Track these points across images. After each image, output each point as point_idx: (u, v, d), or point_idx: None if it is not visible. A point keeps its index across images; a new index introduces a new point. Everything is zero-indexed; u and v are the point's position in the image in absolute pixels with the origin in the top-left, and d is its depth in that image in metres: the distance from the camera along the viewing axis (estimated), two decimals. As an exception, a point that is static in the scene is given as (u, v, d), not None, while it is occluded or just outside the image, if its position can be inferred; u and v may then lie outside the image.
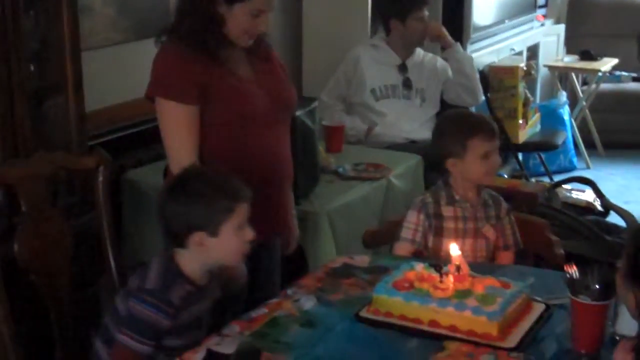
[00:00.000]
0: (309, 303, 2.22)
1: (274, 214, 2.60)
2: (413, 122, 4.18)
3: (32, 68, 2.82)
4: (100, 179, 2.53)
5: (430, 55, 4.29)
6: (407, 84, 4.23)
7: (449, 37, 4.31)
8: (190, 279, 2.17)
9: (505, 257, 2.64)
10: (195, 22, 2.44)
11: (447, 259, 2.16)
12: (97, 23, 3.42)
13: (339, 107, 4.18)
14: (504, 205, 2.67)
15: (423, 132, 4.18)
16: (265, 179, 2.51)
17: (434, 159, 2.70)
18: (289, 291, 2.30)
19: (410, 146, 4.06)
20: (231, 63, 2.51)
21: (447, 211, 2.59)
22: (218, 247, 2.16)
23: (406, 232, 2.61)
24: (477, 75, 4.44)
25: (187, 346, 2.05)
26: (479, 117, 2.72)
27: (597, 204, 4.52)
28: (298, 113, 3.18)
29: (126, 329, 2.11)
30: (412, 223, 2.61)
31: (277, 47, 4.57)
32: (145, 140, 3.41)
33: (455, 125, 2.62)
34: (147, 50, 2.60)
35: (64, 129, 2.94)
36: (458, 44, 4.30)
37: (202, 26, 2.44)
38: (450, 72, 4.31)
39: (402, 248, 2.62)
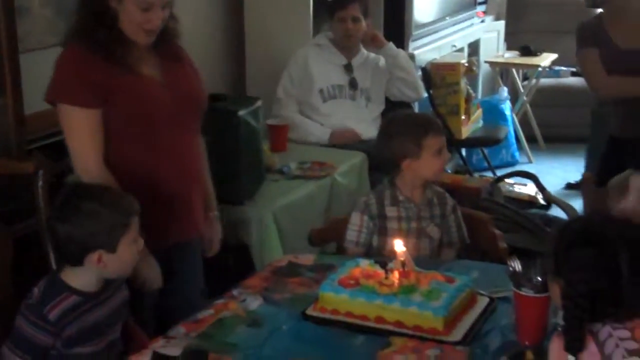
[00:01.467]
0: (255, 303, 2.21)
1: (185, 215, 2.56)
2: (360, 122, 4.19)
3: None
4: (40, 183, 2.49)
5: (373, 54, 4.30)
6: (353, 84, 4.24)
7: (382, 37, 4.34)
8: (78, 290, 2.15)
9: (446, 253, 2.67)
10: (89, 19, 2.39)
11: (392, 256, 2.18)
12: (35, 25, 3.37)
13: (293, 107, 4.17)
14: (450, 202, 2.69)
15: (371, 131, 4.20)
16: (173, 181, 2.49)
17: (385, 162, 2.70)
18: (235, 292, 2.29)
19: (359, 145, 4.06)
20: (133, 62, 2.45)
21: (390, 211, 2.61)
22: (116, 262, 2.15)
23: (351, 235, 2.64)
24: (414, 69, 4.47)
25: (104, 348, 2.10)
26: (425, 115, 2.78)
27: (540, 198, 4.59)
28: (242, 112, 3.17)
29: (10, 342, 2.13)
30: (356, 225, 2.63)
31: (219, 47, 4.61)
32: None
33: (407, 126, 2.62)
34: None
35: (3, 133, 2.90)
36: (391, 42, 4.33)
37: (95, 23, 2.38)
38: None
39: (348, 250, 2.64)
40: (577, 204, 4.42)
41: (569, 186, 5.59)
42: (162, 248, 2.44)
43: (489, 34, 6.75)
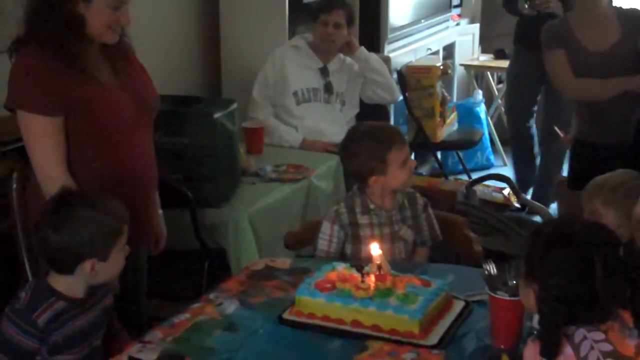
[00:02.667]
0: (231, 307, 2.21)
1: (142, 218, 2.55)
2: (334, 125, 4.19)
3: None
4: (14, 185, 2.47)
5: (349, 59, 4.31)
6: (328, 88, 4.24)
7: (355, 43, 4.35)
8: (65, 295, 2.13)
9: (420, 254, 2.68)
10: (54, 26, 2.34)
11: (367, 262, 2.18)
12: (8, 26, 3.34)
13: (268, 110, 4.16)
14: (420, 201, 2.69)
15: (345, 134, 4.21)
16: (132, 184, 2.48)
17: (352, 175, 2.70)
18: (212, 295, 2.29)
19: (333, 149, 4.06)
20: (93, 69, 2.43)
21: (362, 219, 2.61)
22: (107, 270, 2.14)
23: (322, 244, 2.63)
24: (388, 72, 4.48)
25: (87, 355, 2.08)
26: (386, 127, 2.74)
27: (514, 200, 4.62)
28: (217, 115, 3.16)
29: None
30: (327, 235, 2.62)
31: (195, 49, 4.60)
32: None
33: (369, 142, 2.58)
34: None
35: (-24, 135, 2.87)
36: (362, 47, 4.34)
37: (62, 30, 2.34)
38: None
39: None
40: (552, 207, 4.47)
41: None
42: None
43: (464, 37, 6.78)
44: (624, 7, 3.73)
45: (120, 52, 2.51)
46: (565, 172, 4.93)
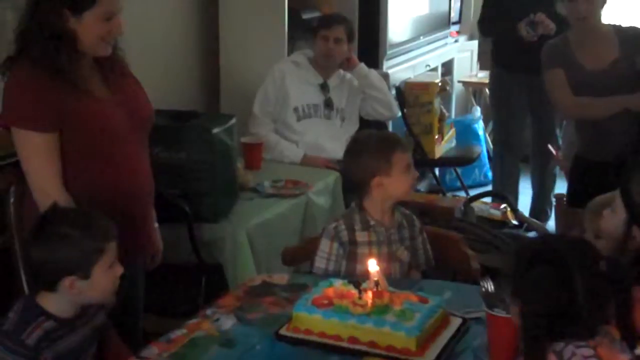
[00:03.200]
0: (228, 322, 2.20)
1: (139, 232, 2.56)
2: (334, 141, 4.20)
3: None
4: (12, 199, 2.47)
5: (349, 75, 4.32)
6: (328, 104, 4.25)
7: (355, 59, 4.37)
8: (54, 315, 2.12)
9: (414, 276, 2.65)
10: (46, 43, 2.34)
11: (365, 279, 2.17)
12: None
13: (269, 125, 4.17)
14: (417, 223, 2.69)
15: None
16: (128, 199, 2.48)
17: (353, 181, 2.67)
18: (209, 311, 2.28)
19: (333, 165, 4.07)
20: (86, 84, 2.43)
21: (361, 237, 2.59)
22: (90, 289, 2.12)
23: (320, 262, 2.60)
24: (387, 88, 4.50)
25: None
26: (390, 132, 2.76)
27: (512, 218, 4.61)
28: (216, 130, 3.16)
29: None
30: (325, 253, 2.59)
31: (194, 63, 4.60)
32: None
33: (375, 143, 2.60)
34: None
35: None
36: (362, 63, 4.36)
37: (54, 46, 2.34)
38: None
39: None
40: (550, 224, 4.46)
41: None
42: (124, 264, 2.42)
43: (462, 53, 6.80)
44: (623, 25, 3.74)
45: (113, 66, 2.52)
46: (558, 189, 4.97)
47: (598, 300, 1.65)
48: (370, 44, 5.20)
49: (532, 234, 4.05)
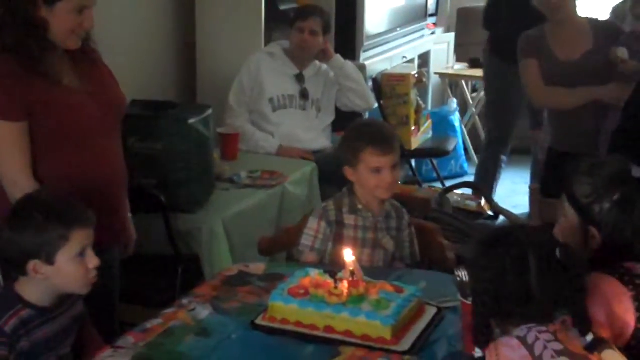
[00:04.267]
0: (204, 312, 2.21)
1: (113, 222, 2.55)
2: (310, 132, 4.21)
3: None
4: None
5: (325, 66, 4.33)
6: (304, 95, 4.25)
7: (331, 50, 4.38)
8: (32, 303, 2.11)
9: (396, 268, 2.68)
10: (17, 31, 2.33)
11: (341, 268, 2.19)
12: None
13: (245, 116, 4.16)
14: (406, 217, 2.71)
15: (321, 141, 4.23)
16: (102, 189, 2.47)
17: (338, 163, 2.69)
18: (185, 300, 2.29)
19: (311, 156, 4.08)
20: (56, 73, 2.42)
21: (348, 219, 2.61)
22: (56, 275, 2.10)
23: (306, 239, 2.62)
24: (363, 79, 4.51)
25: None
26: (377, 130, 2.64)
27: (487, 208, 4.65)
28: (192, 120, 3.16)
29: None
30: (313, 230, 2.61)
31: (170, 54, 4.59)
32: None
33: (352, 135, 2.64)
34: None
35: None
36: (337, 54, 4.36)
37: (25, 35, 2.33)
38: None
39: (302, 255, 2.63)
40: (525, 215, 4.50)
41: None
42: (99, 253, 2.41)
43: (439, 45, 6.83)
44: (599, 19, 3.77)
45: (85, 56, 2.51)
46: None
47: (551, 284, 1.69)
48: (348, 35, 5.21)
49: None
